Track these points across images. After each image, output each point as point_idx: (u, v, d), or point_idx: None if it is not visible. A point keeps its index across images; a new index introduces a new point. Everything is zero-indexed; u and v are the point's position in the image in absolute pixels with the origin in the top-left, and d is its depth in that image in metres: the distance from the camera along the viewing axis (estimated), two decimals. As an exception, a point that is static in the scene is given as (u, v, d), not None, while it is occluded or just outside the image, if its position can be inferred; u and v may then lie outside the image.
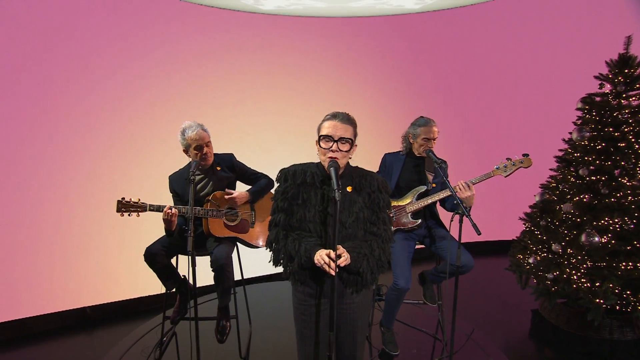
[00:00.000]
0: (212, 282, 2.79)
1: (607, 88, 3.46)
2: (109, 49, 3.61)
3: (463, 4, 3.56)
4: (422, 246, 2.98)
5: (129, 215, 2.60)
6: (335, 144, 1.78)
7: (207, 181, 2.86)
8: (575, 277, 3.25)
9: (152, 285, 3.18)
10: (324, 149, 1.80)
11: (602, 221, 3.24)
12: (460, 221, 2.34)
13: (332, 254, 1.68)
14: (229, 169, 2.91)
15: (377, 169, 2.98)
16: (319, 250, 1.77)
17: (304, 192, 1.86)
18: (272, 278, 4.52)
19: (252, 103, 4.21)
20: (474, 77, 5.15)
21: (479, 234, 2.19)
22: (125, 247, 3.75)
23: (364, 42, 4.37)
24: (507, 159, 2.70)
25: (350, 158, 1.88)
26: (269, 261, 1.92)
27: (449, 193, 2.72)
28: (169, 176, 2.89)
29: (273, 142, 4.25)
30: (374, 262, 1.83)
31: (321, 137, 1.81)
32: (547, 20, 5.09)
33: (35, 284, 3.47)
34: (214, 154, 2.88)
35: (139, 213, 2.60)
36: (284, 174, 1.92)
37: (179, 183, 2.83)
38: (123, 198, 2.59)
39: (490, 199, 5.07)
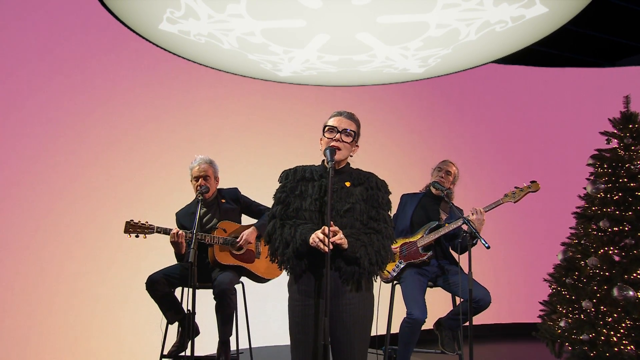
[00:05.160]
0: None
1: (615, 143, 3.52)
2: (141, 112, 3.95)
3: (466, 67, 3.86)
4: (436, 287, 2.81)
5: (136, 236, 2.65)
6: (339, 134, 1.85)
7: (212, 214, 2.93)
8: (615, 338, 2.90)
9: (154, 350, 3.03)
10: (328, 138, 1.87)
11: (634, 274, 3.01)
12: (469, 244, 2.26)
13: (326, 230, 1.63)
14: (234, 201, 3.00)
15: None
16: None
17: (303, 185, 1.88)
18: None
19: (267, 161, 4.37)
20: (480, 143, 5.28)
21: (488, 247, 2.09)
22: (132, 313, 3.65)
23: (373, 110, 4.65)
24: (515, 187, 2.69)
25: (351, 156, 1.93)
26: (266, 256, 1.84)
27: (460, 223, 2.66)
28: (176, 213, 2.98)
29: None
30: (372, 252, 1.74)
31: (326, 128, 1.89)
32: (546, 84, 5.36)
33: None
34: (219, 189, 2.99)
35: (146, 235, 2.67)
36: (286, 173, 1.95)
37: (186, 218, 2.90)
38: (132, 219, 2.65)
39: (513, 279, 4.85)
